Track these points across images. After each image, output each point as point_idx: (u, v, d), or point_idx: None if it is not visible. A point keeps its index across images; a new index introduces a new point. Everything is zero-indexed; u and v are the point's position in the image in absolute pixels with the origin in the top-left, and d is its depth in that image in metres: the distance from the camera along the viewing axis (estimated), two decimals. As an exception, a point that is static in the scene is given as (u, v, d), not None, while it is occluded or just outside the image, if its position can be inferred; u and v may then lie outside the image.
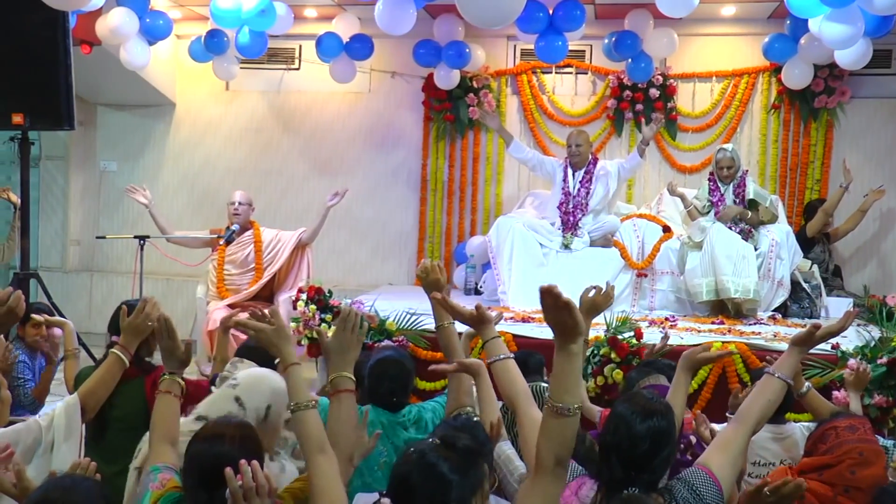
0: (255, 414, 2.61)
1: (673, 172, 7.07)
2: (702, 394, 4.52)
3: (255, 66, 7.52)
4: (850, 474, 2.57)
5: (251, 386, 2.64)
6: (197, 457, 2.06)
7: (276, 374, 2.69)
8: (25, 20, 5.24)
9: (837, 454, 2.61)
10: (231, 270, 5.99)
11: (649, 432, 2.28)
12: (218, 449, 2.04)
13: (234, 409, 2.55)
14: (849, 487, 2.56)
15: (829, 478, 2.60)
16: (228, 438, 2.08)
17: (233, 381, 2.68)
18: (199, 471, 2.03)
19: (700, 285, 5.54)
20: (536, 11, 5.77)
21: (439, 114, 7.24)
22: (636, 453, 2.26)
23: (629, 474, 2.26)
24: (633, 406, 2.34)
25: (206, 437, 2.11)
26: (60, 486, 1.97)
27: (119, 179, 7.92)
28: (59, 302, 5.56)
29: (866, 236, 6.84)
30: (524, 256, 5.90)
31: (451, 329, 2.85)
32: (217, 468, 1.91)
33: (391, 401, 3.09)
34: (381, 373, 3.11)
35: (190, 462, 2.07)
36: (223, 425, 2.15)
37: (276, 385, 2.65)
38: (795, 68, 6.46)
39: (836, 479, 2.59)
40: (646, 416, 2.30)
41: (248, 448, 2.08)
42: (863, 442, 2.64)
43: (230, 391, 2.62)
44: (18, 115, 5.32)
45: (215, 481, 1.92)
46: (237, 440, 2.09)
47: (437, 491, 1.97)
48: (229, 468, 1.85)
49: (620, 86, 6.98)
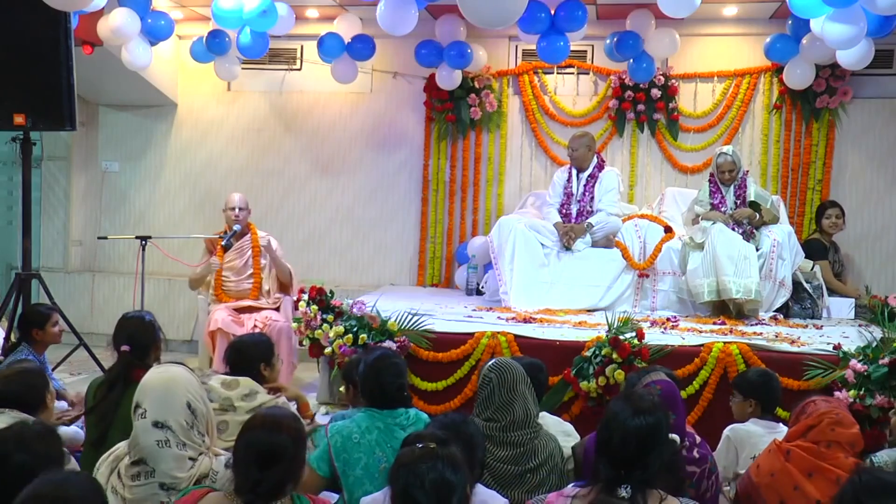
0: (182, 426, 2.61)
1: (675, 173, 7.07)
2: (703, 394, 4.52)
3: (257, 67, 7.53)
4: (831, 431, 2.96)
5: (158, 401, 2.63)
6: (255, 442, 2.32)
7: (169, 368, 2.72)
8: (27, 21, 5.24)
9: (817, 416, 3.02)
10: (230, 277, 5.97)
11: (638, 430, 2.30)
12: (276, 437, 2.33)
13: (161, 435, 2.57)
14: (830, 442, 2.95)
15: (813, 437, 2.99)
16: (285, 428, 2.37)
17: (140, 411, 2.63)
18: (256, 453, 2.29)
19: (702, 286, 5.54)
20: (538, 12, 5.76)
21: (441, 114, 7.24)
22: (626, 451, 2.28)
23: (619, 472, 2.27)
24: (624, 404, 2.37)
25: (265, 425, 2.37)
26: (53, 481, 1.99)
27: (121, 180, 7.94)
28: (61, 302, 5.56)
29: (868, 237, 6.83)
30: (526, 257, 5.90)
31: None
32: (271, 453, 2.28)
33: (401, 395, 3.10)
34: (384, 368, 3.13)
35: (248, 445, 2.32)
36: (280, 416, 2.43)
37: (178, 377, 2.68)
38: (797, 68, 6.46)
39: (818, 436, 2.98)
40: (636, 414, 2.33)
41: (299, 440, 2.39)
42: (838, 409, 3.07)
43: (143, 421, 2.60)
44: (20, 116, 5.32)
45: (268, 463, 2.27)
46: (292, 432, 2.37)
47: (443, 497, 2.05)
48: None
49: (622, 86, 6.98)
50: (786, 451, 3.00)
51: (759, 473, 3.05)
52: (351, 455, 2.90)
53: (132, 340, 3.43)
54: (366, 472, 2.88)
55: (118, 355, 3.42)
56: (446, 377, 4.84)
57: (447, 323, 5.12)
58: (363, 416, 3.04)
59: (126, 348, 3.39)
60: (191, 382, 2.71)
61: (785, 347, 4.60)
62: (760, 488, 3.00)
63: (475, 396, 3.21)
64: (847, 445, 2.96)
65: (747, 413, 3.65)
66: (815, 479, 2.89)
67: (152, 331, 3.54)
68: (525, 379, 3.05)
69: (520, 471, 2.89)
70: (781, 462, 2.98)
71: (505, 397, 2.97)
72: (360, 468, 2.89)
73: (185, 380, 2.69)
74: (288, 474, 2.32)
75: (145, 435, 2.58)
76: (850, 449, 2.97)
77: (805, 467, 2.93)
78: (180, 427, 2.60)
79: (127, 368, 3.34)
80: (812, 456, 2.94)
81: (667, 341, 4.68)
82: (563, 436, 3.31)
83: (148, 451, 2.57)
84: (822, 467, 2.90)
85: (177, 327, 7.45)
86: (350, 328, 4.88)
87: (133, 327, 3.50)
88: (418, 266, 7.45)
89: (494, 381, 2.99)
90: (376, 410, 3.05)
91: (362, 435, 2.95)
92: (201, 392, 2.73)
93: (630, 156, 7.11)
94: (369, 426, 2.98)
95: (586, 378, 4.49)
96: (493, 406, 2.97)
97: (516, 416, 2.95)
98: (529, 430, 2.97)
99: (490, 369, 3.04)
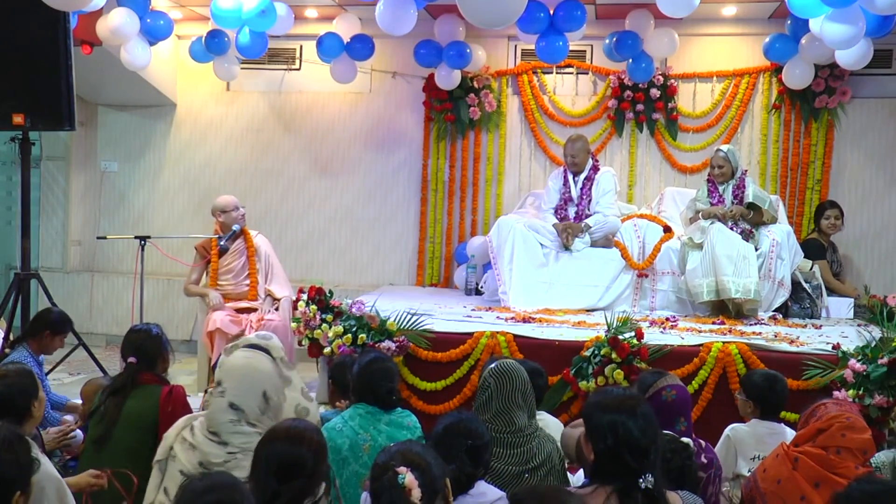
0: (256, 412, 2.70)
1: (674, 173, 7.07)
2: (702, 394, 4.52)
3: (256, 67, 7.53)
4: (841, 437, 2.81)
5: (238, 386, 2.72)
6: (276, 454, 2.31)
7: (255, 356, 2.82)
8: (26, 21, 5.24)
9: (827, 419, 2.87)
10: (229, 279, 5.95)
11: (647, 418, 2.33)
12: (297, 450, 2.32)
13: (234, 416, 2.67)
14: (840, 448, 2.80)
15: (822, 441, 2.84)
16: (307, 441, 2.35)
17: (220, 389, 2.73)
18: (277, 465, 2.28)
19: (701, 285, 5.54)
20: (537, 12, 5.77)
21: (440, 114, 7.24)
22: (644, 444, 2.30)
23: (642, 464, 2.28)
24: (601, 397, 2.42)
25: (288, 437, 2.36)
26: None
27: (120, 180, 7.93)
28: (60, 302, 5.55)
29: (867, 236, 6.84)
30: (525, 257, 5.90)
31: None
32: (292, 465, 2.28)
33: (391, 399, 3.27)
34: (377, 370, 3.29)
35: (269, 456, 2.31)
36: (303, 429, 2.40)
37: (261, 367, 2.78)
38: (796, 68, 6.46)
39: (828, 441, 2.83)
40: (638, 405, 2.37)
41: (321, 454, 2.38)
42: (850, 412, 2.92)
43: (221, 400, 2.70)
44: (19, 116, 5.32)
45: (287, 476, 2.26)
46: (314, 445, 2.36)
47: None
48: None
49: (621, 86, 6.98)
50: (794, 458, 2.89)
51: (765, 479, 2.97)
52: (336, 441, 3.09)
53: (138, 353, 3.48)
54: (351, 452, 3.07)
55: (125, 366, 3.46)
56: (445, 377, 4.83)
57: (446, 323, 5.12)
58: (350, 410, 3.25)
59: (132, 360, 3.43)
60: (271, 374, 2.81)
61: (784, 347, 4.60)
62: (766, 495, 2.92)
63: (474, 396, 3.22)
64: (858, 452, 2.83)
65: (749, 413, 3.64)
66: (822, 489, 2.76)
67: (159, 343, 3.56)
68: (525, 385, 3.04)
69: (518, 471, 2.89)
70: (789, 470, 2.88)
71: (503, 405, 2.97)
72: (345, 449, 3.08)
73: (267, 370, 2.80)
74: (307, 488, 2.32)
75: (220, 413, 2.67)
76: (862, 456, 2.84)
77: (812, 477, 2.82)
78: (253, 412, 2.70)
79: (132, 378, 3.40)
80: (820, 465, 2.82)
81: (666, 341, 4.68)
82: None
83: (222, 428, 2.66)
84: (829, 478, 2.77)
85: (176, 327, 7.45)
86: (349, 328, 4.88)
87: (140, 340, 3.53)
88: (417, 266, 7.45)
89: (493, 388, 3.00)
90: (366, 405, 3.24)
91: (345, 423, 3.16)
92: (278, 383, 2.84)
93: (629, 156, 7.11)
94: (352, 414, 3.19)
95: (585, 378, 4.49)
96: (491, 411, 2.98)
97: (513, 422, 2.96)
98: (527, 433, 2.98)
99: (491, 374, 3.03)
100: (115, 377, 3.54)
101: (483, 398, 3.03)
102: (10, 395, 2.85)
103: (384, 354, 3.81)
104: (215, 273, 5.93)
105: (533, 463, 2.92)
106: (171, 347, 3.67)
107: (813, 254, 6.12)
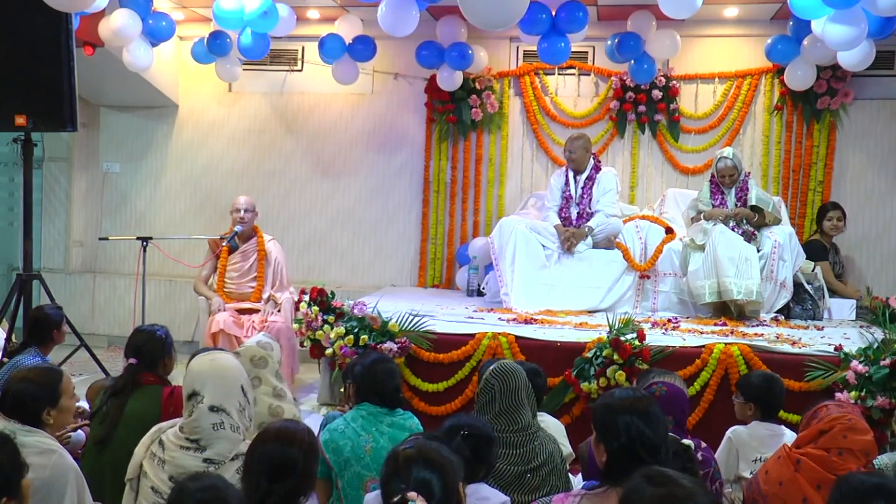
0: (236, 408, 2.72)
1: (676, 174, 7.07)
2: (704, 395, 4.51)
3: (258, 68, 7.53)
4: (843, 438, 2.83)
5: (215, 388, 2.72)
6: (268, 454, 2.32)
7: (218, 355, 2.86)
8: (28, 21, 5.24)
9: (829, 420, 2.88)
10: (234, 278, 5.97)
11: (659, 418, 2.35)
12: (288, 451, 2.32)
13: (216, 418, 2.67)
14: (842, 450, 2.82)
15: (824, 443, 2.86)
16: (298, 441, 2.36)
17: (197, 398, 2.71)
18: (268, 465, 2.30)
19: (703, 287, 5.53)
20: (539, 13, 5.77)
21: (442, 115, 7.24)
22: (657, 441, 2.31)
23: (656, 460, 2.28)
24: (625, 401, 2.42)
25: (279, 437, 2.36)
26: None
27: (121, 181, 7.94)
28: (62, 303, 5.53)
29: (869, 238, 6.83)
30: (527, 258, 5.90)
31: None
32: (283, 466, 2.29)
33: (397, 398, 3.27)
34: (382, 371, 3.28)
35: (260, 457, 2.32)
36: (294, 429, 2.42)
37: (229, 364, 2.81)
38: (798, 70, 6.45)
39: (830, 443, 2.84)
40: (649, 405, 2.37)
41: (311, 454, 2.38)
42: (852, 414, 2.93)
43: (202, 407, 2.68)
44: (21, 117, 5.32)
45: (278, 476, 2.28)
46: (304, 445, 2.37)
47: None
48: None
49: (623, 87, 6.98)
50: (796, 460, 2.90)
51: (767, 480, 2.97)
52: (338, 443, 3.08)
53: (139, 354, 3.46)
54: (353, 453, 3.05)
55: (125, 367, 3.46)
56: (447, 378, 4.84)
57: (448, 324, 5.12)
58: (352, 411, 3.24)
59: (133, 361, 3.41)
60: (241, 368, 2.85)
61: (786, 349, 4.60)
62: (768, 497, 2.92)
63: (475, 398, 3.22)
64: (860, 453, 2.83)
65: (748, 415, 3.64)
66: (824, 491, 2.73)
67: (161, 345, 3.53)
68: (527, 385, 3.07)
69: (519, 471, 2.90)
70: (791, 472, 2.89)
71: (506, 405, 2.99)
72: (347, 451, 3.06)
73: (236, 365, 2.84)
74: (298, 488, 2.32)
75: (203, 419, 2.67)
76: (864, 457, 2.84)
77: (814, 478, 2.82)
78: (236, 410, 2.71)
79: (133, 378, 3.39)
80: (822, 467, 2.82)
81: (668, 342, 4.68)
82: (562, 437, 3.33)
83: (205, 433, 2.66)
84: (831, 480, 2.68)
85: (178, 328, 7.44)
86: (351, 329, 4.88)
87: (141, 341, 3.51)
88: (419, 267, 7.45)
89: (497, 389, 3.01)
90: (369, 406, 3.21)
91: (347, 425, 3.15)
92: (248, 378, 2.87)
93: (631, 157, 7.11)
94: (355, 416, 3.18)
95: (587, 379, 4.49)
96: (493, 412, 2.98)
97: (516, 421, 2.96)
98: (528, 433, 2.98)
99: (493, 375, 3.04)
100: (116, 378, 3.53)
101: (485, 399, 3.03)
102: (21, 398, 2.80)
103: (384, 355, 3.81)
104: (223, 269, 5.99)
105: (535, 462, 2.92)
106: (175, 349, 3.66)
107: (815, 255, 6.11)
